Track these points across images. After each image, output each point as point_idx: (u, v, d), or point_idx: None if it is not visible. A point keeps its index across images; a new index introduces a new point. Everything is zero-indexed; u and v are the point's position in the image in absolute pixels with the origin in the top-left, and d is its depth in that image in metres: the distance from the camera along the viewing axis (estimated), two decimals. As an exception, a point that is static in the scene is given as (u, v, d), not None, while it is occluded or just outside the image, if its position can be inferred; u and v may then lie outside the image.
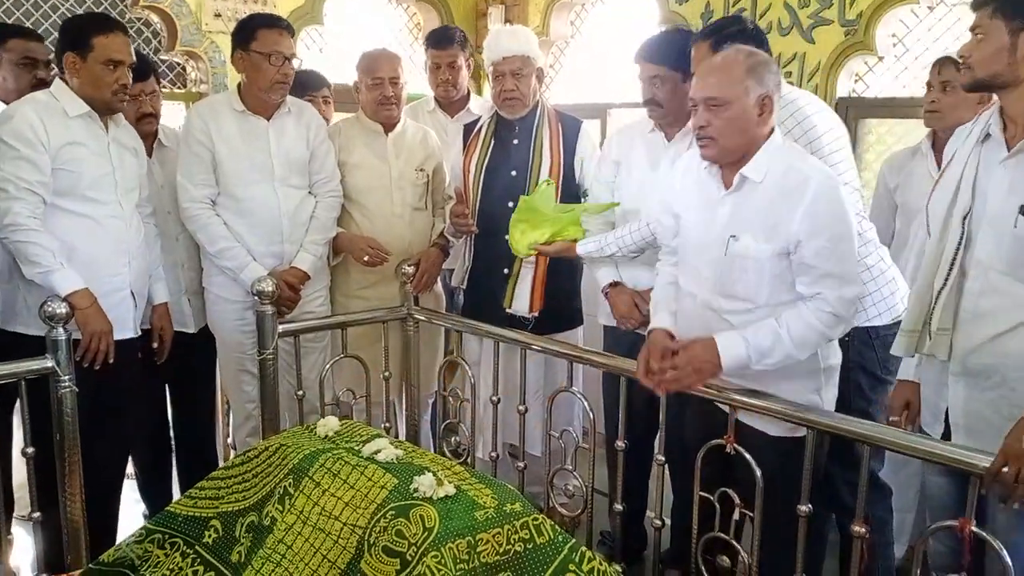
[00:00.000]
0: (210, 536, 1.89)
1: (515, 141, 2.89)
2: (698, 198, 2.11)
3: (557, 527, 1.74)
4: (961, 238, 1.83)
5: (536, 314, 2.88)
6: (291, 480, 1.84)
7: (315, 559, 1.68)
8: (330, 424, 2.02)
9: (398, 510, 1.64)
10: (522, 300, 2.86)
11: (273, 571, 1.72)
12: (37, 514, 2.28)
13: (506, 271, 2.86)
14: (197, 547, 1.89)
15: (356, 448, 1.88)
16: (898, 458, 2.52)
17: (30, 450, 2.22)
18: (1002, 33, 1.73)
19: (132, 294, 2.57)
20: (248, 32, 2.71)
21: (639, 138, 2.62)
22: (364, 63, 2.96)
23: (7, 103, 2.57)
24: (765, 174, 1.96)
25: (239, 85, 2.82)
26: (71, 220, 2.43)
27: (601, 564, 1.74)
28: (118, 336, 2.49)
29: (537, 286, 2.86)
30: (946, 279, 1.84)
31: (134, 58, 2.51)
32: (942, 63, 2.63)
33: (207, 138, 2.71)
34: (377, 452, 1.84)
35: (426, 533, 1.59)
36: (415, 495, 1.67)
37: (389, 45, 3.29)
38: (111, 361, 2.43)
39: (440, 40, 3.34)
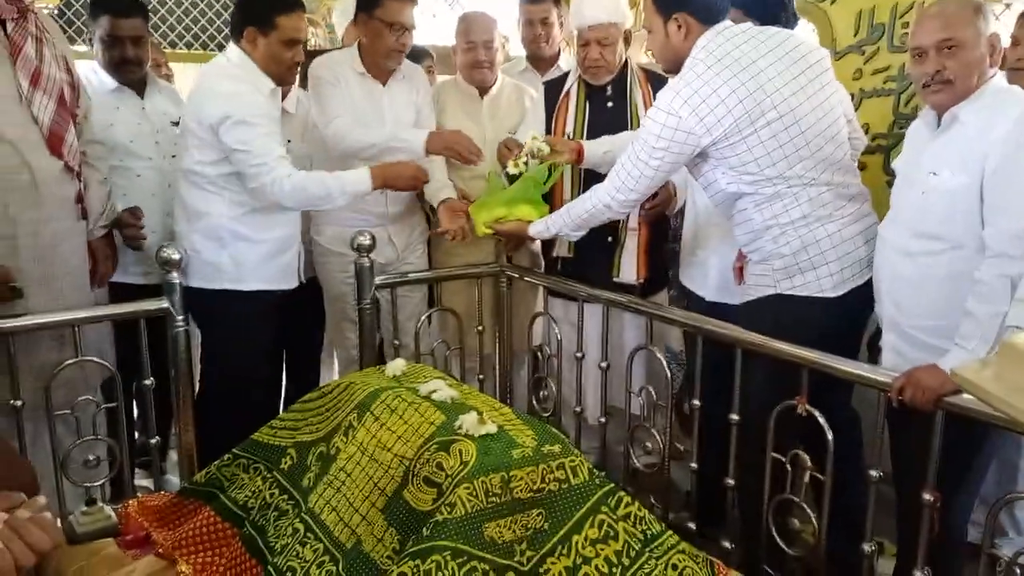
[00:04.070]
0: (286, 463, 2.05)
1: (609, 104, 2.88)
2: (911, 144, 2.15)
3: (595, 471, 1.77)
4: None
5: (642, 281, 2.88)
6: (355, 414, 1.96)
7: (368, 486, 1.80)
8: (398, 365, 2.13)
9: (440, 444, 1.73)
10: (628, 269, 2.87)
11: (334, 496, 1.85)
12: (155, 439, 2.57)
13: (610, 239, 2.87)
14: (275, 472, 2.06)
15: (416, 387, 1.98)
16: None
17: (148, 381, 2.49)
18: None
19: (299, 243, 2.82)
20: None
21: None
22: (460, 26, 3.04)
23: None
24: (975, 111, 1.94)
25: (359, 46, 2.94)
26: None
27: (640, 511, 1.76)
28: (289, 285, 2.76)
29: (641, 254, 2.86)
30: None
31: (308, 35, 2.70)
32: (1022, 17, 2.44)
33: (340, 85, 2.85)
34: (433, 392, 1.93)
35: (462, 466, 1.66)
36: (458, 431, 1.75)
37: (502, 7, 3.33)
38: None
39: None
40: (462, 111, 3.08)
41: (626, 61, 2.85)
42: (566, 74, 2.97)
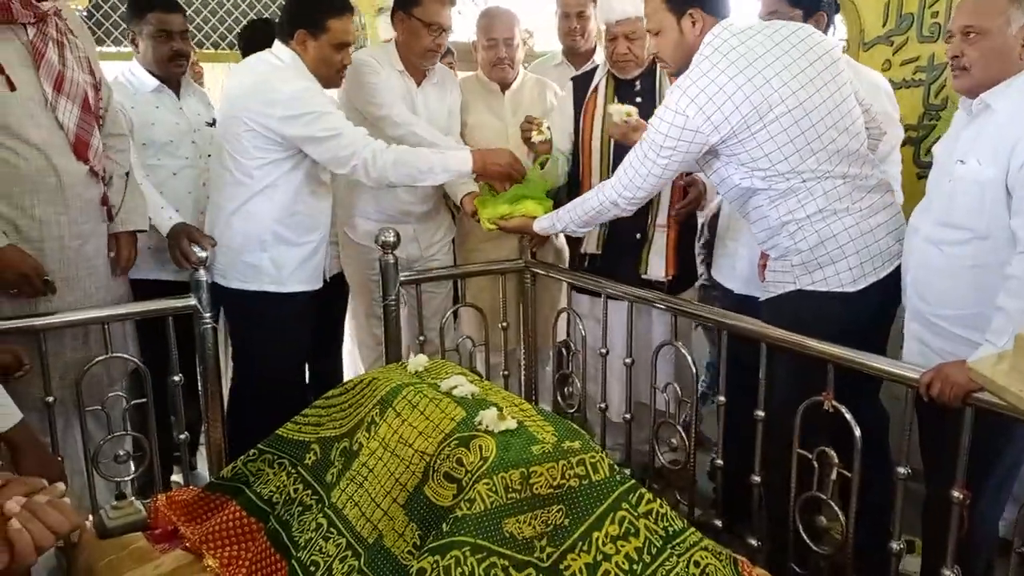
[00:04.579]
0: (310, 458, 2.06)
1: (638, 100, 2.86)
2: (951, 131, 2.12)
3: (616, 467, 1.76)
4: None
5: (670, 278, 2.86)
6: (378, 410, 1.97)
7: (389, 481, 1.80)
8: (419, 361, 2.13)
9: (461, 440, 1.73)
10: (657, 266, 2.85)
11: (356, 491, 1.86)
12: (184, 435, 2.60)
13: (638, 236, 2.86)
14: (299, 467, 2.07)
15: (437, 383, 1.98)
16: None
17: (176, 378, 2.52)
18: None
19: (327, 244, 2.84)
20: None
21: None
22: (481, 22, 3.04)
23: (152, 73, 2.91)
24: (1007, 99, 1.90)
25: (396, 44, 2.94)
26: (311, 183, 2.66)
27: (662, 507, 1.75)
28: (318, 285, 2.77)
29: (670, 251, 2.84)
30: None
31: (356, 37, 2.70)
32: None
33: (382, 76, 2.85)
34: (454, 388, 1.93)
35: (482, 462, 1.66)
36: (479, 427, 1.75)
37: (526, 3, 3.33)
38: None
39: None
40: (484, 107, 3.09)
41: (654, 55, 2.83)
42: (594, 69, 2.96)
